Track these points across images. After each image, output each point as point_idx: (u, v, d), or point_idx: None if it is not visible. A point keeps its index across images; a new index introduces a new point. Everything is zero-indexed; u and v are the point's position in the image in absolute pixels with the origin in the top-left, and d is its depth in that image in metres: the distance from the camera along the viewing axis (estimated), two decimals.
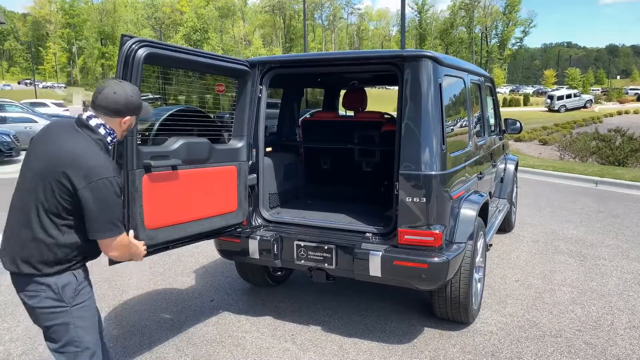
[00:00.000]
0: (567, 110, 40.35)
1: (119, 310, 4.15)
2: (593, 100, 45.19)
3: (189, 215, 3.11)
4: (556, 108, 40.45)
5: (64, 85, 75.34)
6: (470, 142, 4.02)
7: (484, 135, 4.73)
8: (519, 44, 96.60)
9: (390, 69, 3.38)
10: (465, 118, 4.00)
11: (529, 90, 72.05)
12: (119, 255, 2.18)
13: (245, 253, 3.70)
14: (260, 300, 4.34)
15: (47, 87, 66.07)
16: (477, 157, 4.24)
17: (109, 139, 2.18)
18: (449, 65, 3.55)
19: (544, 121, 29.44)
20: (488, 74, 5.31)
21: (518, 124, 5.83)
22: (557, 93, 43.69)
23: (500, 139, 5.79)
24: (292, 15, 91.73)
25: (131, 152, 2.69)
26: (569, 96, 42.41)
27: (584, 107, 42.36)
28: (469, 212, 3.57)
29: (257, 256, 3.67)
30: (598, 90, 67.73)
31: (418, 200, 3.19)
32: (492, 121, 5.47)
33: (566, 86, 64.47)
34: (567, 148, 16.10)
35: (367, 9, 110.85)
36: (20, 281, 2.09)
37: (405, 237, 3.26)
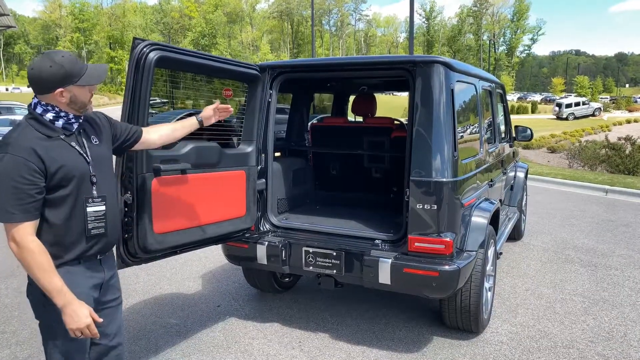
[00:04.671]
0: (575, 118, 40.15)
1: (125, 314, 4.12)
2: (602, 109, 44.94)
3: (197, 219, 3.09)
4: (564, 116, 40.27)
5: None
6: (481, 149, 3.98)
7: (495, 142, 4.69)
8: (527, 51, 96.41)
9: (402, 74, 3.36)
10: (477, 125, 3.96)
11: (537, 97, 71.75)
12: (14, 251, 1.90)
13: (253, 259, 3.67)
14: (267, 306, 4.30)
15: None
16: (488, 164, 4.19)
17: (48, 115, 1.97)
18: (461, 71, 3.52)
19: (552, 129, 29.29)
20: (499, 81, 5.28)
21: (529, 131, 5.78)
22: (566, 101, 43.49)
23: (511, 146, 5.74)
24: (300, 21, 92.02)
25: (141, 156, 2.68)
26: (577, 104, 42.20)
27: (593, 115, 42.13)
28: (480, 220, 3.53)
29: (265, 262, 3.63)
30: (607, 98, 67.42)
31: (429, 207, 3.15)
32: (502, 128, 5.42)
33: (574, 94, 64.19)
34: (576, 156, 15.98)
35: (375, 16, 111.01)
36: None
37: (416, 244, 3.22)
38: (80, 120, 2.08)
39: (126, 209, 2.70)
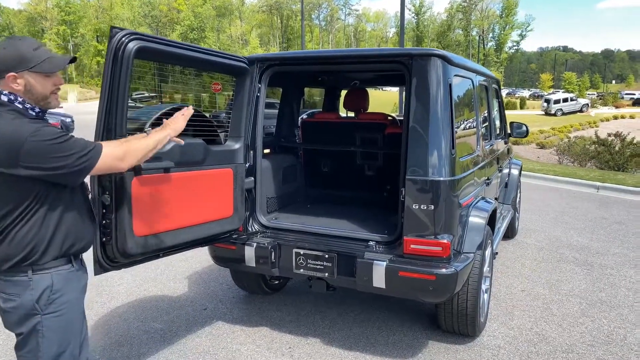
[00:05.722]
0: (563, 114, 40.36)
1: (106, 318, 3.94)
2: (589, 105, 45.25)
3: (181, 221, 2.92)
4: (553, 112, 40.47)
5: None
6: (478, 146, 3.84)
7: (491, 139, 4.56)
8: (516, 47, 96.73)
9: (397, 67, 3.20)
10: (474, 121, 3.82)
11: (526, 93, 72.12)
12: (131, 162, 1.96)
13: (241, 260, 3.50)
14: (256, 309, 4.14)
15: None
16: (485, 162, 4.06)
17: (17, 104, 1.84)
18: (458, 65, 3.37)
19: (540, 124, 29.46)
20: (494, 75, 5.14)
21: (524, 128, 5.67)
22: (554, 97, 43.73)
23: (506, 143, 5.62)
24: (289, 15, 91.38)
25: None
26: (565, 100, 42.45)
27: (580, 111, 42.40)
28: (478, 220, 3.39)
29: (253, 264, 3.47)
30: (594, 94, 67.95)
31: (425, 207, 3.00)
32: (497, 124, 5.29)
33: (562, 90, 64.60)
34: (565, 152, 16.00)
35: (365, 11, 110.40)
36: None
37: (412, 246, 3.07)
38: (46, 117, 1.95)
39: (104, 211, 2.52)
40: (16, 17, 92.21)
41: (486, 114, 4.44)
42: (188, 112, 2.33)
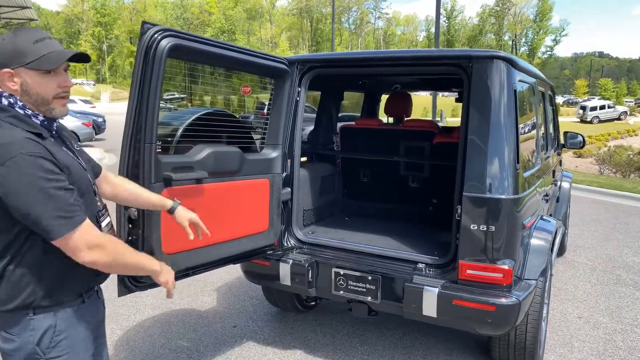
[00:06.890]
0: (600, 121, 39.02)
1: (131, 334, 3.72)
2: (628, 112, 43.67)
3: (214, 237, 2.64)
4: (589, 119, 39.18)
5: (93, 82, 76.51)
6: (539, 159, 3.47)
7: (548, 150, 4.18)
8: (549, 52, 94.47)
9: (454, 71, 2.87)
10: (535, 132, 3.46)
11: (559, 100, 70.33)
12: (99, 257, 1.51)
13: (275, 278, 3.22)
14: (288, 328, 3.85)
15: (76, 84, 67.10)
16: (545, 176, 3.69)
17: (17, 108, 1.53)
18: (523, 70, 3.03)
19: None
20: (550, 81, 4.74)
21: (579, 138, 5.24)
22: (590, 104, 42.32)
23: (559, 154, 5.21)
24: (319, 19, 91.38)
25: (149, 163, 2.24)
26: (602, 107, 41.03)
27: (618, 119, 40.93)
28: (541, 243, 3.03)
29: (288, 282, 3.18)
30: (632, 101, 65.68)
31: (485, 228, 2.66)
32: (552, 133, 4.90)
33: (598, 97, 62.64)
34: (606, 162, 15.29)
35: (395, 14, 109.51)
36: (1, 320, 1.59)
37: (468, 271, 2.73)
38: (56, 124, 1.65)
39: (130, 226, 2.28)
40: (54, 18, 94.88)
41: (544, 123, 4.06)
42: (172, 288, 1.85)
